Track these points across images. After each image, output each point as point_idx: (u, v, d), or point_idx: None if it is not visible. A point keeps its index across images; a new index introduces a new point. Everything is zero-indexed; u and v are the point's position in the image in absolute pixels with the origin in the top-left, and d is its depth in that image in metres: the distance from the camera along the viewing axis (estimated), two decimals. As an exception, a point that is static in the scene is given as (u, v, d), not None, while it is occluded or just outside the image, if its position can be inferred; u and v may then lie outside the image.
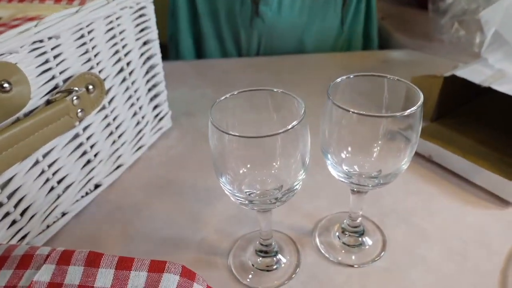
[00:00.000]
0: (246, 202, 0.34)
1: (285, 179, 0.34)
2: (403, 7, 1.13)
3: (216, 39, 0.92)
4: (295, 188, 0.33)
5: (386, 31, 1.01)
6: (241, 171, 0.34)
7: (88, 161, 0.50)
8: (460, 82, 0.56)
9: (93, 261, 0.34)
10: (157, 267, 0.34)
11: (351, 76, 0.35)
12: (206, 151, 0.34)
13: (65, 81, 0.43)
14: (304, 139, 0.32)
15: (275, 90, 0.33)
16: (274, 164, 0.34)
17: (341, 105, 0.31)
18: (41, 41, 0.40)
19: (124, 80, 0.53)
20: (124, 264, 0.34)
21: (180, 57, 0.96)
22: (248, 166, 0.34)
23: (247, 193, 0.35)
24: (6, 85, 0.36)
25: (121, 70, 0.52)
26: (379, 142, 0.34)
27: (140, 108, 0.57)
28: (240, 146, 0.31)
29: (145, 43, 0.56)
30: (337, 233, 0.44)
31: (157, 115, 0.62)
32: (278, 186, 0.34)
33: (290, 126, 0.29)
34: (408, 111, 0.30)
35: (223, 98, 0.33)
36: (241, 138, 0.30)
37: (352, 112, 0.31)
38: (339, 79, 0.35)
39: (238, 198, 0.34)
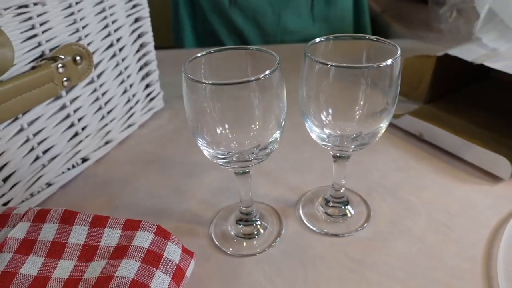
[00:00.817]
0: (225, 160, 0.33)
1: (262, 139, 0.33)
2: (404, 1, 1.13)
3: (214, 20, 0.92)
4: (270, 146, 0.33)
5: (385, 23, 1.00)
6: (218, 131, 0.34)
7: (76, 134, 0.50)
8: (454, 63, 0.55)
9: (68, 218, 0.34)
10: (131, 226, 0.33)
11: (330, 37, 0.35)
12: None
13: (51, 50, 0.44)
14: (279, 94, 0.31)
15: (251, 48, 0.33)
16: (252, 126, 0.34)
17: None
18: (26, 6, 0.40)
19: (114, 55, 0.53)
20: (99, 222, 0.34)
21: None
22: (226, 126, 0.34)
23: (226, 152, 0.34)
24: (-12, 47, 0.37)
25: (111, 45, 0.53)
26: (361, 103, 0.34)
27: (130, 86, 0.57)
28: (215, 100, 0.31)
29: (136, 20, 0.56)
30: (320, 204, 0.43)
31: (148, 95, 0.62)
32: (255, 145, 0.34)
33: (262, 75, 0.28)
34: (384, 62, 0.30)
35: (199, 54, 0.33)
36: (215, 89, 0.29)
37: (330, 65, 0.30)
38: (317, 39, 0.34)
39: (216, 156, 0.33)
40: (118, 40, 0.53)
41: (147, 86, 0.62)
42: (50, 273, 0.31)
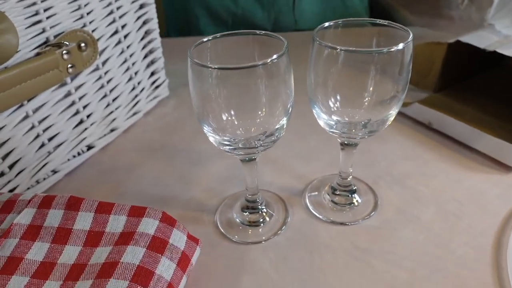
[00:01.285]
0: (231, 147, 0.33)
1: (268, 126, 0.33)
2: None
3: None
4: (277, 133, 0.32)
5: (393, 9, 0.99)
6: (224, 118, 0.33)
7: (81, 121, 0.50)
8: (465, 50, 0.54)
9: (73, 204, 0.34)
10: (137, 212, 0.33)
11: (339, 22, 0.34)
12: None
13: (56, 36, 0.43)
14: (287, 81, 0.31)
15: (258, 32, 0.32)
16: (259, 112, 0.33)
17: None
18: (29, -9, 0.39)
19: (119, 42, 0.53)
20: (104, 208, 0.33)
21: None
22: (232, 112, 0.33)
23: (232, 139, 0.34)
24: (-7, 32, 0.36)
25: (116, 32, 0.52)
26: (370, 89, 0.33)
27: (135, 73, 0.57)
28: (221, 86, 0.30)
29: (141, 7, 0.56)
30: (327, 193, 0.42)
31: (153, 82, 0.61)
32: (262, 132, 0.33)
33: (269, 59, 0.28)
34: (396, 47, 0.29)
35: (205, 39, 0.32)
36: (221, 75, 0.29)
37: (339, 49, 0.29)
38: (326, 24, 0.33)
39: (222, 142, 0.33)
40: (123, 26, 0.53)
41: (152, 73, 0.61)
42: (56, 258, 0.31)
